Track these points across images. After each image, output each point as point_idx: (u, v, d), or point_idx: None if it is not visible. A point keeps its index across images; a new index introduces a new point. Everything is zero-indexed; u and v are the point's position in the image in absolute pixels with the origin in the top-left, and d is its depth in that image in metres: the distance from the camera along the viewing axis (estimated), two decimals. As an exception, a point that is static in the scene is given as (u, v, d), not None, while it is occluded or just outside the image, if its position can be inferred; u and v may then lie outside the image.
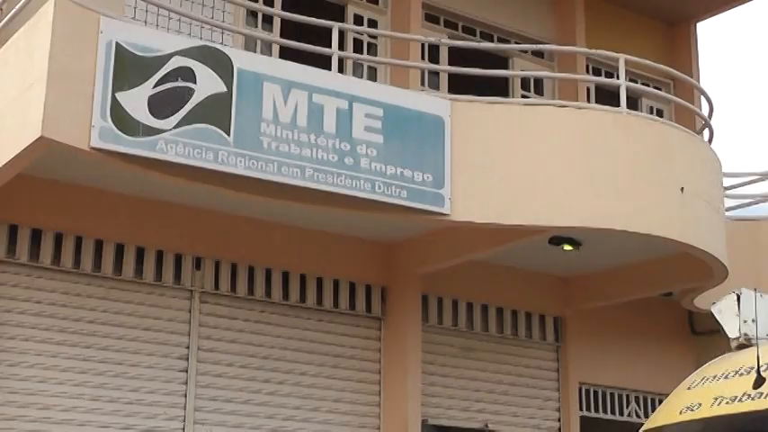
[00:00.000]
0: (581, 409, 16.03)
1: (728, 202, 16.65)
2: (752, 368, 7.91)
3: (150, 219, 12.50)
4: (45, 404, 11.86)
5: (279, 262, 13.52)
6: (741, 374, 8.07)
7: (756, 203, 19.17)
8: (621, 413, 16.45)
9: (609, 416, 16.41)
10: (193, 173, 10.92)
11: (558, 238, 13.54)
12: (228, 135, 10.95)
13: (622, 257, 14.47)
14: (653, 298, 15.78)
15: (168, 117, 10.69)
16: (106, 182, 11.86)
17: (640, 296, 15.50)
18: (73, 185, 11.94)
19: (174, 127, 10.69)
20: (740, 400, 7.91)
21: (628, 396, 16.55)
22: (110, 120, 10.38)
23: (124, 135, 10.45)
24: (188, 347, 12.89)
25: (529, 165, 12.56)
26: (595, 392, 16.42)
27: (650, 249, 13.67)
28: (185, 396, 12.74)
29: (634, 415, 16.00)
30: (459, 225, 12.47)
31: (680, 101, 15.85)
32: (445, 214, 12.13)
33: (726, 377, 8.31)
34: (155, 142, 10.58)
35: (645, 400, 16.12)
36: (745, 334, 8.50)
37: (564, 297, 15.79)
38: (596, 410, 16.35)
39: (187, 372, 12.81)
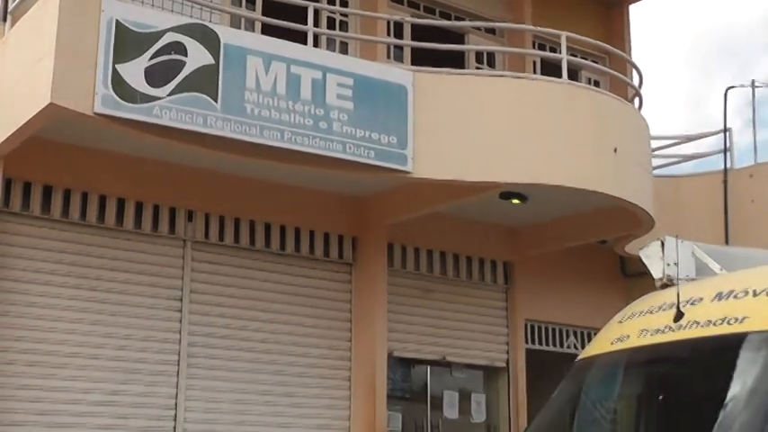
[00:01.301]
0: (527, 343, 16.15)
1: (655, 162, 16.73)
2: (673, 304, 7.96)
3: (147, 176, 12.46)
4: (58, 339, 11.91)
5: (261, 214, 13.52)
6: (663, 310, 8.12)
7: (679, 163, 19.38)
8: (562, 345, 16.59)
9: (551, 348, 16.55)
10: (185, 135, 10.92)
11: (507, 193, 13.52)
12: (216, 102, 10.94)
13: (563, 210, 14.53)
14: (590, 245, 15.85)
15: (163, 86, 10.68)
16: (108, 143, 11.81)
17: (579, 243, 15.59)
18: (79, 147, 11.87)
19: (168, 95, 10.69)
20: (662, 331, 7.96)
21: (567, 331, 16.69)
22: (111, 88, 10.37)
23: (124, 102, 10.44)
24: (181, 290, 12.90)
25: (482, 128, 12.58)
26: (539, 328, 16.53)
27: (588, 202, 13.73)
28: (180, 332, 12.78)
29: (573, 347, 16.14)
30: (420, 181, 12.48)
31: (614, 73, 15.90)
32: (408, 172, 12.15)
33: (650, 312, 8.36)
34: (151, 108, 10.58)
35: (582, 333, 16.25)
36: (668, 275, 8.55)
37: (512, 245, 15.84)
38: (540, 344, 16.48)
39: (181, 311, 12.84)
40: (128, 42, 10.57)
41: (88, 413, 11.96)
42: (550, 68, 14.77)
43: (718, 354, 7.46)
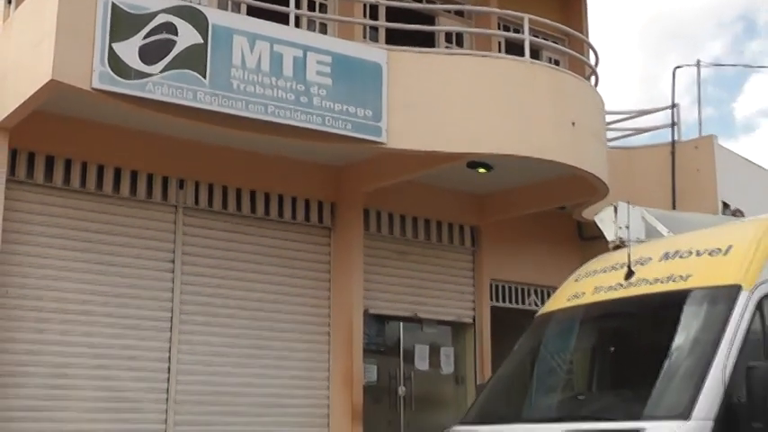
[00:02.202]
0: (491, 300, 16.22)
1: (609, 134, 16.83)
2: (624, 264, 8.06)
3: (142, 147, 12.43)
4: (60, 297, 11.93)
5: (247, 182, 13.51)
6: (615, 269, 8.22)
7: (631, 136, 19.55)
8: (524, 303, 16.67)
9: (514, 305, 16.63)
10: (176, 109, 10.94)
11: (473, 163, 13.57)
12: (205, 78, 10.95)
13: (526, 178, 14.58)
14: (550, 211, 15.92)
15: (155, 63, 10.68)
16: (106, 117, 11.77)
17: (540, 209, 15.65)
18: (79, 120, 11.84)
19: (161, 72, 10.69)
20: (614, 289, 8.07)
21: (529, 289, 16.77)
22: (107, 66, 10.38)
23: (119, 78, 10.45)
24: (173, 252, 12.91)
25: (450, 103, 12.61)
26: (503, 287, 16.60)
27: (548, 171, 13.79)
28: (172, 291, 12.81)
29: (533, 304, 16.21)
30: (393, 152, 12.51)
31: (572, 53, 15.93)
32: (382, 143, 12.18)
33: (604, 271, 8.46)
34: (144, 84, 10.59)
35: (542, 291, 16.30)
36: (620, 238, 8.66)
37: (479, 211, 15.87)
38: (504, 301, 16.55)
39: (173, 272, 12.86)
40: (123, 23, 10.56)
41: (89, 365, 11.98)
42: (514, 48, 14.79)
43: (665, 308, 7.57)
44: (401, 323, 15.17)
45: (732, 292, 7.13)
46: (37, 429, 11.51)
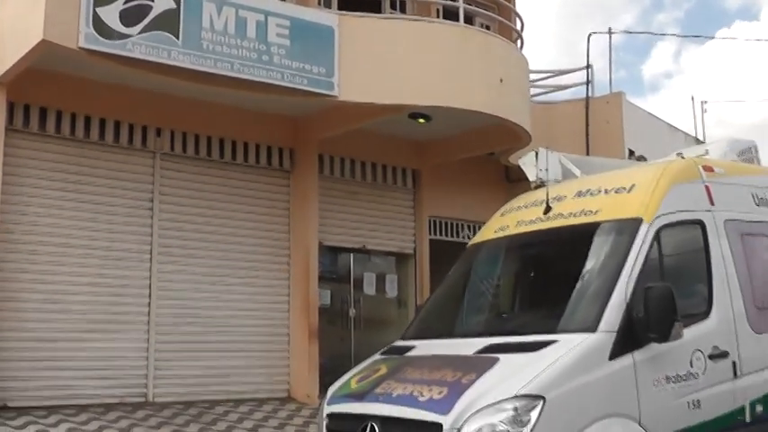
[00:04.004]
0: (430, 234, 16.34)
1: (533, 91, 16.90)
2: (543, 201, 8.17)
3: (124, 100, 12.32)
4: (52, 233, 11.93)
5: (216, 131, 13.46)
6: (536, 205, 8.32)
7: (551, 92, 19.62)
8: (458, 236, 16.79)
9: (449, 238, 16.75)
10: (153, 66, 10.85)
11: (414, 114, 13.60)
12: (178, 39, 10.87)
13: (460, 128, 14.60)
14: (481, 156, 15.99)
15: (134, 26, 10.58)
16: (92, 73, 11.64)
17: (472, 155, 15.72)
18: (68, 76, 11.71)
19: (139, 33, 10.59)
20: (534, 222, 8.17)
21: (462, 224, 16.87)
22: (92, 28, 10.27)
23: (102, 39, 10.35)
24: (152, 192, 12.89)
25: (394, 61, 12.62)
26: (440, 222, 16.71)
27: (479, 122, 13.83)
28: (151, 227, 12.79)
29: (466, 237, 16.26)
30: (344, 104, 12.50)
31: (501, 19, 15.96)
32: (334, 96, 12.19)
33: (525, 207, 8.55)
34: (125, 44, 10.49)
35: (473, 226, 16.30)
36: (540, 179, 8.75)
37: (419, 156, 15.91)
38: (440, 235, 16.68)
39: (152, 210, 12.85)
40: (106, -11, 10.44)
41: (79, 292, 12.00)
42: (451, 16, 14.75)
43: (578, 238, 7.68)
44: (351, 254, 15.27)
45: (634, 224, 7.28)
46: (35, 348, 11.53)
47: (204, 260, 13.24)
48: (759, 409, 7.62)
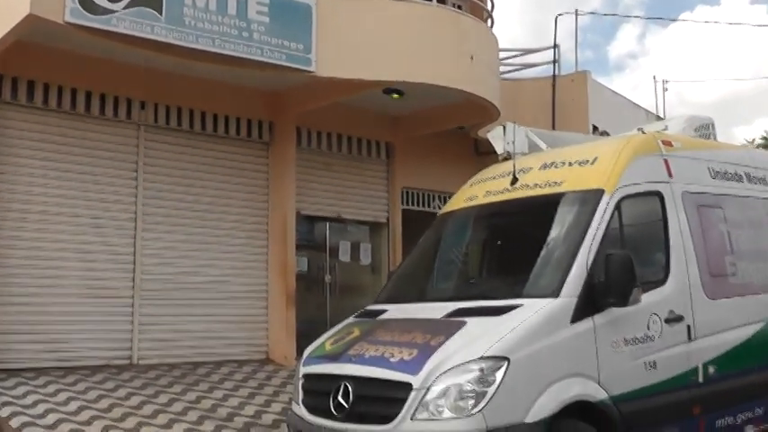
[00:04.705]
0: (402, 204, 16.30)
1: (502, 68, 16.86)
2: (510, 172, 8.20)
3: (109, 73, 12.17)
4: (41, 201, 11.81)
5: (198, 104, 13.34)
6: (503, 177, 8.35)
7: (520, 70, 19.63)
8: (429, 206, 16.75)
9: (421, 208, 16.71)
10: (137, 41, 10.69)
11: (389, 89, 13.55)
12: (161, 15, 10.70)
13: (432, 103, 14.56)
14: (452, 130, 15.92)
15: (119, 1, 10.38)
16: (78, 47, 11.49)
17: (444, 129, 15.67)
18: (55, 50, 11.55)
19: (123, 8, 10.41)
20: (502, 192, 8.20)
21: (433, 195, 16.83)
22: (77, 2, 10.09)
23: (88, 13, 10.17)
24: (136, 163, 12.77)
25: (369, 39, 12.55)
26: (412, 193, 16.67)
27: (450, 97, 13.80)
28: (136, 196, 12.70)
29: (437, 207, 16.23)
30: (321, 79, 12.40)
31: (473, 0, 15.89)
32: (312, 71, 12.09)
33: (494, 178, 8.58)
34: (109, 19, 10.32)
35: (444, 197, 16.21)
36: (508, 151, 8.75)
37: (393, 129, 15.85)
38: (412, 205, 16.63)
39: (137, 180, 12.75)
40: (91, -35, 10.29)
41: (67, 258, 11.92)
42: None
43: (543, 208, 7.72)
44: (327, 223, 15.21)
45: (596, 195, 7.32)
46: (25, 312, 11.47)
47: (186, 228, 13.17)
48: (711, 370, 7.74)
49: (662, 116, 21.41)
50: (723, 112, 62.29)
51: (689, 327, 7.57)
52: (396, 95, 13.85)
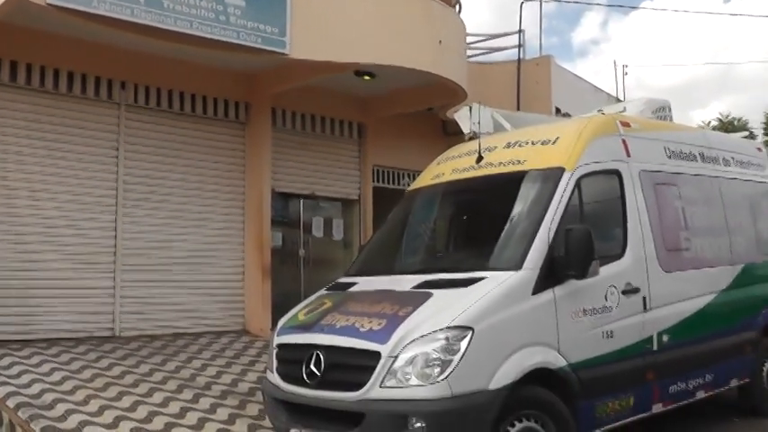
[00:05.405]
0: (373, 182, 16.29)
1: (469, 52, 16.88)
2: (475, 151, 8.20)
3: (90, 54, 12.03)
4: (27, 179, 11.63)
5: (177, 84, 13.22)
6: (469, 155, 8.35)
7: (486, 54, 19.61)
8: (399, 184, 16.77)
9: (391, 185, 16.74)
10: (118, 23, 10.52)
11: (360, 71, 13.50)
12: (140, -2, 10.61)
13: (402, 85, 14.54)
14: (421, 111, 15.92)
15: (99, -16, 10.27)
16: (60, 28, 11.32)
17: (413, 110, 15.67)
18: (38, 31, 11.40)
19: (104, -9, 10.29)
20: (467, 170, 8.21)
21: (403, 173, 16.85)
22: (59, -15, 9.96)
23: (69, -4, 10.05)
24: (117, 141, 12.63)
25: (342, 22, 12.47)
26: (383, 171, 16.69)
27: (420, 79, 13.78)
28: (117, 173, 12.57)
29: (406, 185, 16.25)
30: (295, 61, 12.30)
31: (441, -16, 15.84)
32: (286, 54, 11.98)
33: (460, 156, 8.58)
34: (90, 1, 10.12)
35: (413, 174, 16.22)
36: (473, 131, 8.75)
37: (364, 110, 15.80)
38: (383, 182, 16.65)
39: (117, 158, 12.61)
40: (71, -51, 10.12)
41: (51, 233, 11.80)
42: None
43: (506, 185, 7.74)
44: (301, 199, 15.17)
45: (557, 172, 7.35)
46: (10, 286, 11.35)
47: (166, 204, 13.07)
48: (665, 338, 7.83)
49: (622, 99, 21.52)
50: (681, 95, 62.75)
51: (644, 298, 7.64)
52: (367, 77, 13.81)
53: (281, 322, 7.65)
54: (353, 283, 7.81)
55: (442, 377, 5.99)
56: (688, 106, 68.77)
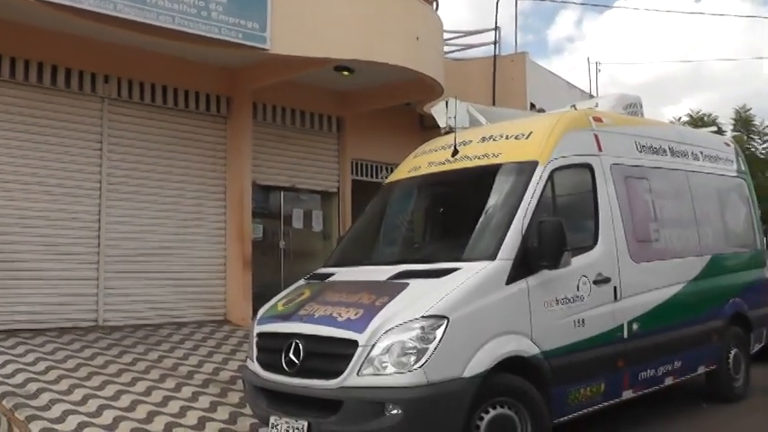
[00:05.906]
0: (352, 175, 16.26)
1: (446, 48, 16.88)
2: (451, 145, 8.22)
3: (74, 48, 11.91)
4: (10, 170, 11.47)
5: (160, 79, 13.13)
6: (445, 149, 8.36)
7: (463, 50, 19.69)
8: (377, 177, 16.72)
9: (369, 179, 16.69)
10: (101, 17, 10.43)
11: (339, 67, 13.45)
12: (123, -7, 10.51)
13: (380, 80, 14.49)
14: (398, 105, 15.91)
15: (82, -20, 10.18)
16: (45, 22, 11.22)
17: (391, 104, 15.64)
18: (22, 25, 11.29)
19: (87, -14, 10.20)
20: (443, 163, 8.22)
21: (381, 166, 16.81)
22: (42, -20, 9.87)
23: (52, -9, 9.95)
24: (101, 134, 12.51)
25: (322, 19, 12.44)
26: (362, 164, 16.66)
27: (398, 75, 13.76)
28: (100, 166, 12.47)
29: (384, 177, 16.18)
30: (276, 57, 12.25)
31: (419, -19, 15.80)
32: (267, 49, 11.93)
33: (435, 150, 8.59)
34: (73, -4, 10.09)
35: (391, 168, 16.14)
36: (449, 125, 8.75)
37: (343, 105, 15.75)
38: (362, 175, 16.62)
39: (101, 150, 12.49)
40: (54, -55, 10.01)
41: (36, 225, 11.69)
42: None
43: (481, 178, 7.76)
44: (282, 192, 15.13)
45: (531, 166, 7.37)
46: (2, 274, 11.28)
47: (149, 197, 12.98)
48: (635, 327, 7.87)
49: (595, 95, 21.59)
50: (652, 92, 62.93)
51: (615, 288, 7.68)
52: (346, 73, 13.77)
53: (261, 312, 7.63)
54: (332, 274, 7.80)
55: (417, 365, 5.99)
56: (660, 103, 69.16)
